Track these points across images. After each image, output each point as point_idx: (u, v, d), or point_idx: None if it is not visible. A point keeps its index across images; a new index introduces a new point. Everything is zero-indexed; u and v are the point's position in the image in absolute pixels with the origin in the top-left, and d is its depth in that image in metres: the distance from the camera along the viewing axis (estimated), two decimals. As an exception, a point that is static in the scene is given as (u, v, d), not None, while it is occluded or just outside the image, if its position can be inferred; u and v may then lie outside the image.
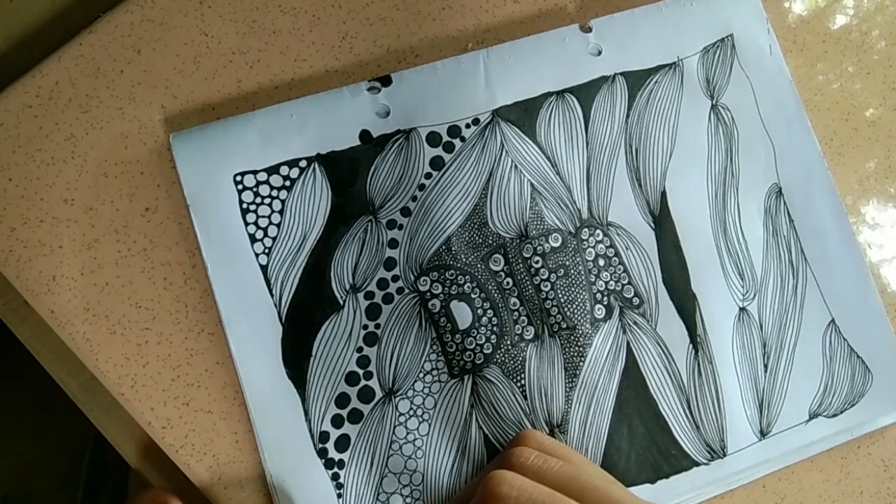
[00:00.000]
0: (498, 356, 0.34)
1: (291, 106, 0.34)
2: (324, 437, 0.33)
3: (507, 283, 0.35)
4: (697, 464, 0.36)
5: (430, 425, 0.34)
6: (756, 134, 0.39)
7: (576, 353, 0.35)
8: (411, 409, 0.34)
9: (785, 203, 0.39)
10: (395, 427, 0.34)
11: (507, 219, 0.35)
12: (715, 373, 0.36)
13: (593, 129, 0.37)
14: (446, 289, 0.35)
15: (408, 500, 0.34)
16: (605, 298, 0.36)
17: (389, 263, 0.35)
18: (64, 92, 0.33)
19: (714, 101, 0.38)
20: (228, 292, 0.33)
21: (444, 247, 0.35)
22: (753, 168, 0.38)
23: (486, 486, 0.28)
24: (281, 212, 0.34)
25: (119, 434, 0.34)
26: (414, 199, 0.35)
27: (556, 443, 0.33)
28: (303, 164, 0.34)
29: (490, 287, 0.35)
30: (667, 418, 0.36)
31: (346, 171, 0.34)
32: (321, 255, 0.34)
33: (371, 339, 0.34)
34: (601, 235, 0.36)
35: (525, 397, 0.34)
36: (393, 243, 0.35)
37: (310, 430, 0.33)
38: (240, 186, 0.34)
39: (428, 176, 0.35)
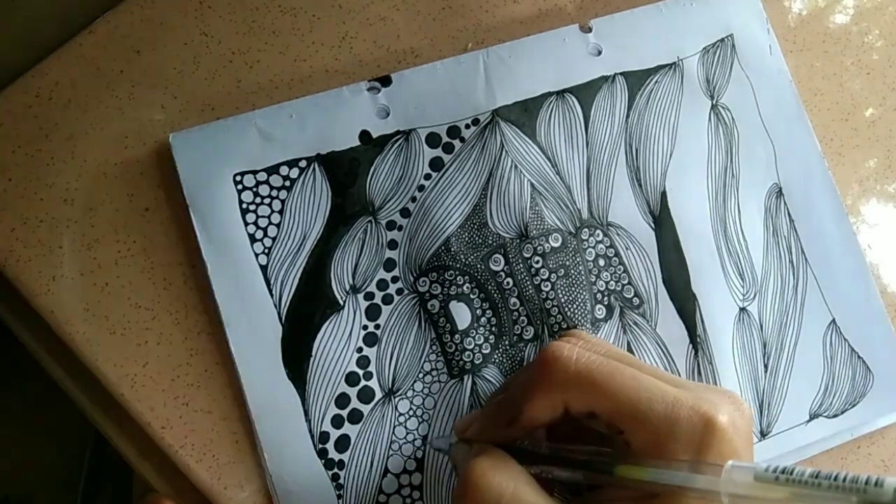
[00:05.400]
0: (496, 356, 0.34)
1: (291, 106, 0.34)
2: (324, 437, 0.33)
3: (508, 283, 0.35)
4: (697, 464, 0.36)
5: (429, 425, 0.34)
6: (756, 134, 0.39)
7: (576, 354, 0.35)
8: (411, 409, 0.34)
9: (785, 203, 0.39)
10: (394, 427, 0.34)
11: (507, 219, 0.35)
12: (715, 373, 0.36)
13: (593, 129, 0.37)
14: (445, 289, 0.35)
15: (407, 500, 0.33)
16: (606, 298, 0.36)
17: (389, 264, 0.35)
18: (64, 92, 0.33)
19: (714, 101, 0.38)
20: (228, 292, 0.33)
21: (443, 247, 0.35)
22: (753, 168, 0.38)
23: (544, 353, 0.28)
24: (281, 212, 0.34)
25: (119, 434, 0.34)
26: (413, 199, 0.35)
27: (600, 340, 0.33)
28: (302, 164, 0.34)
29: (490, 287, 0.35)
30: (667, 418, 0.36)
31: (346, 171, 0.34)
32: (321, 255, 0.34)
33: (371, 340, 0.34)
34: (601, 235, 0.36)
35: (525, 397, 0.34)
36: (392, 244, 0.35)
37: (310, 431, 0.33)
38: (239, 186, 0.34)
39: (427, 177, 0.35)
